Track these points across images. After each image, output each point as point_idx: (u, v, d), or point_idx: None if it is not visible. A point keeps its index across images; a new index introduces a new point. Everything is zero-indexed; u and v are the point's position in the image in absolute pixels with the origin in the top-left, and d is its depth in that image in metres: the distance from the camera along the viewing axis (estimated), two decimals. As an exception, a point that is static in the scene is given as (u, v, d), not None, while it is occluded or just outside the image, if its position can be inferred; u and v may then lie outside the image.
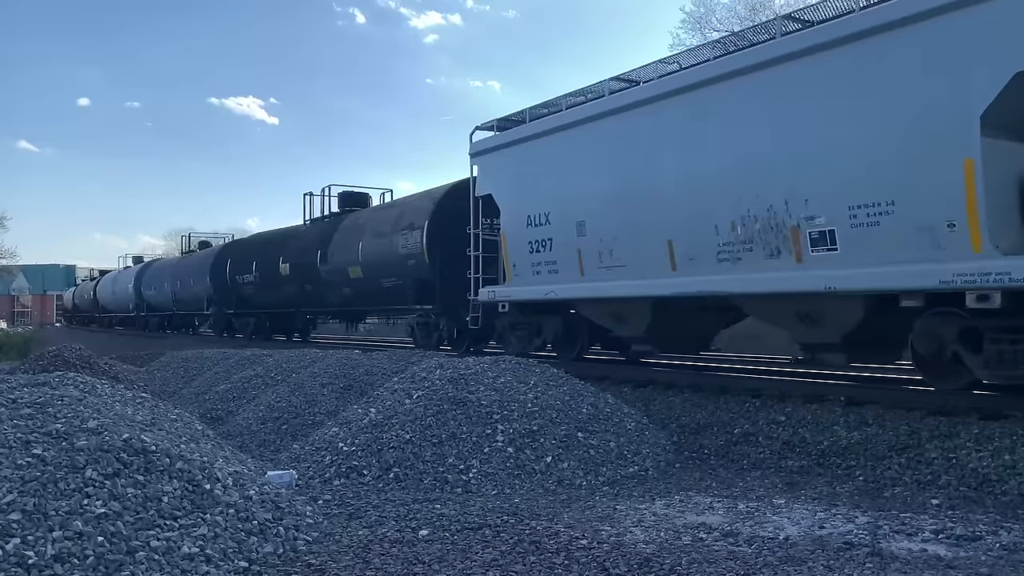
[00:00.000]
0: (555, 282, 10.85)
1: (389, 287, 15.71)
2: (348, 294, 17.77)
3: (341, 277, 17.48)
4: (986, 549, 4.46)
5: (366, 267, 16.46)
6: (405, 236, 14.98)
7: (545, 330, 11.78)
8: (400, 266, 15.01)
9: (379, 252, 15.87)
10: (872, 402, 7.44)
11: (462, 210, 12.82)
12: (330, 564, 4.24)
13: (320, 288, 18.86)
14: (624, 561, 4.22)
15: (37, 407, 4.93)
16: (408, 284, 14.82)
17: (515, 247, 11.59)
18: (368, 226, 17.01)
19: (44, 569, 3.60)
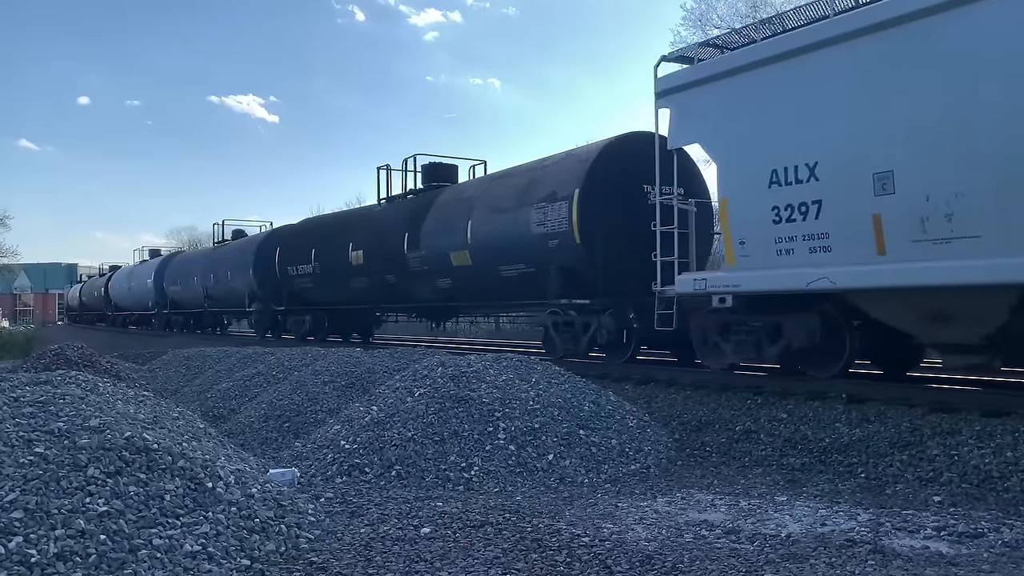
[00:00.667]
0: (826, 264, 7.62)
1: (512, 276, 12.62)
2: (446, 287, 14.50)
3: (438, 265, 14.36)
4: (988, 546, 4.46)
5: (478, 252, 13.29)
6: (543, 210, 11.84)
7: (789, 334, 8.48)
8: (533, 249, 11.99)
9: (499, 233, 12.73)
10: (873, 399, 7.44)
11: (625, 175, 10.85)
12: (332, 562, 4.24)
13: (406, 280, 15.59)
14: (626, 559, 4.22)
15: (39, 405, 4.93)
16: (547, 272, 11.74)
17: (744, 217, 8.40)
18: (480, 200, 13.63)
19: (47, 567, 3.61)
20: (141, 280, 35.00)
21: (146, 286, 33.66)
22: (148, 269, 34.41)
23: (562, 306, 11.83)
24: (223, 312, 27.11)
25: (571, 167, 11.84)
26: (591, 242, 11.13)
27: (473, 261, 13.41)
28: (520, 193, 12.63)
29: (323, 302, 19.55)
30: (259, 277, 22.30)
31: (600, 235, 11.09)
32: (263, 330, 22.87)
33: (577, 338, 11.59)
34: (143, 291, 34.25)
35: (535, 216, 11.97)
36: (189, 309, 29.63)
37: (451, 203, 14.54)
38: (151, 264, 34.99)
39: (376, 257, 16.47)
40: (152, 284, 32.57)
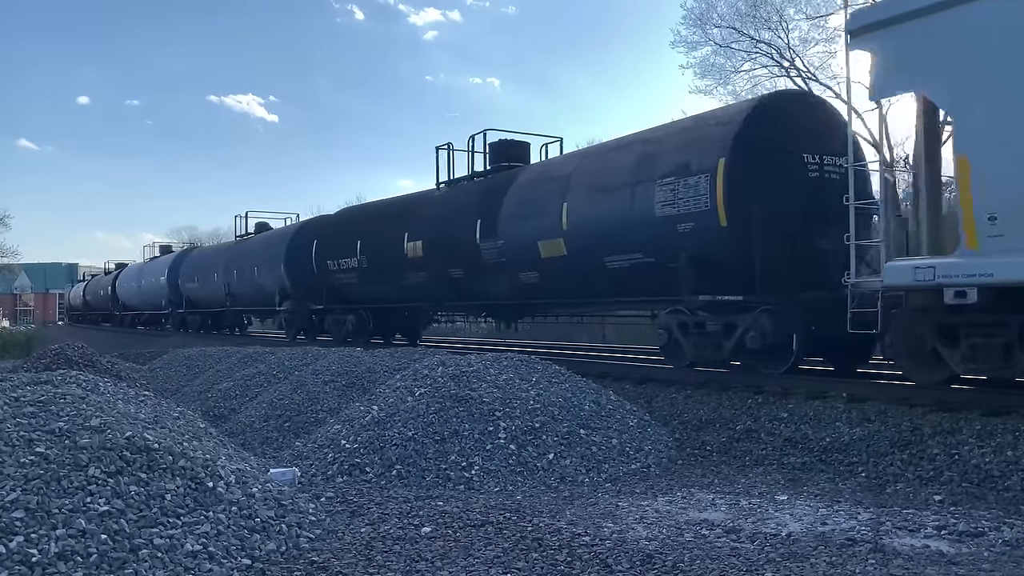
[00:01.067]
0: None
1: (622, 268, 10.40)
2: (531, 282, 12.23)
3: (521, 257, 12.14)
4: (988, 545, 4.46)
5: (575, 240, 11.09)
6: (670, 188, 9.59)
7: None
8: (654, 235, 9.80)
9: (605, 216, 10.54)
10: (874, 399, 7.44)
11: (779, 141, 9.02)
12: (333, 561, 4.25)
13: (477, 274, 13.32)
14: (626, 558, 4.22)
15: (40, 405, 4.94)
16: (674, 263, 9.51)
17: (999, 184, 6.44)
18: (578, 178, 11.36)
19: (48, 567, 3.61)
20: (153, 277, 32.30)
21: (158, 284, 31.00)
22: (161, 266, 31.68)
23: (698, 304, 9.50)
24: (248, 311, 24.99)
25: (707, 134, 9.58)
26: (742, 225, 8.86)
27: (569, 251, 11.17)
28: (635, 168, 10.27)
29: (370, 300, 17.17)
30: (292, 273, 19.96)
31: (754, 216, 8.78)
32: (295, 331, 20.47)
33: (716, 343, 9.43)
34: (155, 289, 31.67)
35: (659, 195, 9.70)
36: (208, 308, 27.12)
37: (537, 183, 12.27)
38: (164, 260, 32.21)
39: (438, 248, 14.18)
40: (166, 281, 29.90)
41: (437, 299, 15.38)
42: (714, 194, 9.05)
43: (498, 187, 13.22)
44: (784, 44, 28.19)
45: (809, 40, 28.68)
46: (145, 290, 33.39)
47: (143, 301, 34.16)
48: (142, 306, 34.79)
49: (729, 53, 28.92)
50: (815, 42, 28.70)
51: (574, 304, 13.07)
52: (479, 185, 14.29)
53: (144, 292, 33.57)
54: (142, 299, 34.22)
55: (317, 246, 18.63)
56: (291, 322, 20.82)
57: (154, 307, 32.59)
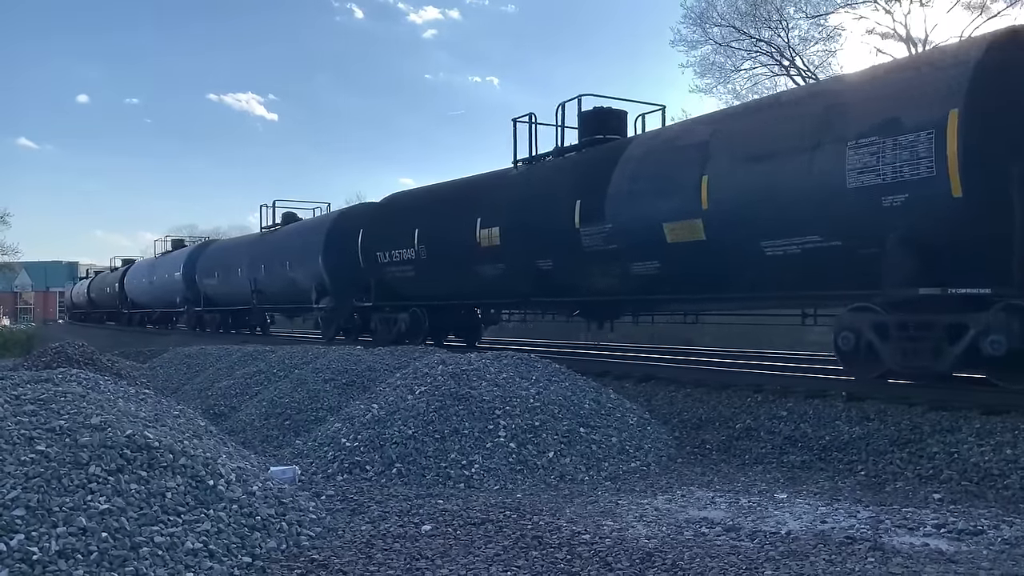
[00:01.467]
0: None
1: (788, 256, 8.32)
2: (648, 272, 10.12)
3: (637, 242, 10.06)
4: (988, 543, 4.47)
5: (720, 221, 8.96)
6: (871, 150, 7.43)
7: None
8: (845, 212, 7.70)
9: (766, 190, 8.43)
10: (873, 397, 7.44)
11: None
12: (333, 559, 4.26)
13: (575, 265, 11.22)
14: (626, 556, 4.23)
15: (40, 403, 4.94)
16: (875, 246, 7.51)
17: None
18: (720, 144, 9.21)
19: (48, 565, 3.62)
20: (166, 273, 29.95)
21: (173, 280, 28.74)
22: (175, 261, 29.40)
23: (907, 299, 7.32)
24: (278, 309, 23.13)
25: (922, 79, 7.46)
26: (985, 194, 6.81)
27: (709, 235, 9.08)
28: (812, 128, 8.12)
29: (429, 296, 15.07)
30: (332, 266, 18.10)
31: (1007, 182, 6.72)
32: (334, 330, 18.45)
33: (934, 349, 7.20)
34: (168, 286, 29.41)
35: (852, 160, 7.58)
36: (230, 306, 25.05)
37: (659, 154, 10.09)
38: (178, 255, 29.92)
39: (520, 236, 12.08)
40: (181, 277, 27.67)
41: (519, 294, 12.93)
42: (942, 156, 6.91)
43: (603, 162, 10.98)
44: (784, 43, 28.23)
45: (809, 39, 28.65)
46: (157, 287, 31.13)
47: (154, 298, 32.02)
48: (153, 304, 32.71)
49: (729, 52, 28.99)
50: (815, 41, 28.69)
51: (707, 300, 10.65)
52: (574, 161, 12.09)
53: (156, 289, 31.38)
54: (153, 296, 32.10)
55: (364, 236, 16.50)
56: (329, 320, 18.68)
57: (167, 304, 30.58)
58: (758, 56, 28.92)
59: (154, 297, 31.94)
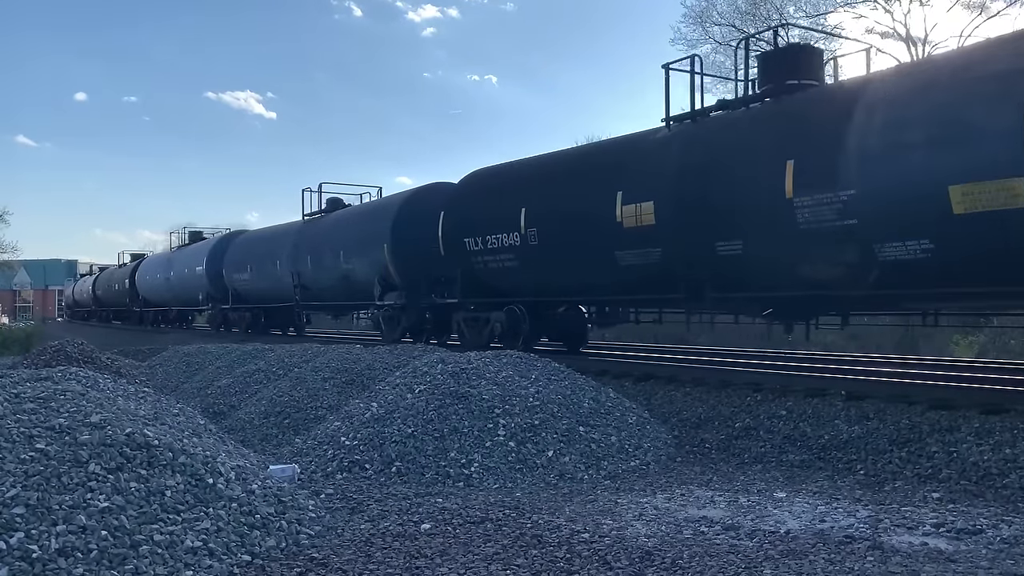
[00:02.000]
0: None
1: None
2: (906, 256, 7.33)
3: (898, 214, 7.34)
4: (987, 543, 4.47)
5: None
6: None
7: None
8: None
9: None
10: (873, 396, 7.45)
11: None
12: (333, 558, 4.26)
13: (783, 247, 8.41)
14: (625, 555, 4.23)
15: (40, 402, 4.94)
16: None
17: None
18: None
19: (48, 563, 3.62)
20: (185, 268, 26.79)
21: (194, 275, 25.71)
22: (196, 254, 26.36)
23: None
24: (329, 306, 19.82)
25: None
26: None
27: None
28: None
29: (539, 290, 12.29)
30: (402, 256, 15.37)
31: None
32: (399, 332, 15.70)
33: None
34: (189, 281, 26.30)
35: None
36: (264, 303, 21.93)
37: (930, 93, 7.32)
38: (200, 247, 26.78)
39: (686, 211, 9.38)
40: (204, 272, 24.69)
41: (685, 287, 9.71)
42: None
43: (825, 110, 8.43)
44: (784, 42, 28.21)
45: (809, 38, 28.62)
46: (175, 283, 27.87)
47: (172, 296, 28.84)
48: (170, 301, 29.50)
49: (729, 51, 28.92)
50: (815, 40, 28.59)
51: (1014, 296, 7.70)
52: (773, 112, 9.19)
53: (174, 285, 28.08)
54: (171, 293, 28.84)
55: (447, 219, 13.71)
56: (395, 320, 15.86)
57: (186, 302, 27.74)
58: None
59: (172, 294, 28.86)
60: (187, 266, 26.69)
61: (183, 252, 28.76)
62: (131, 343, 23.98)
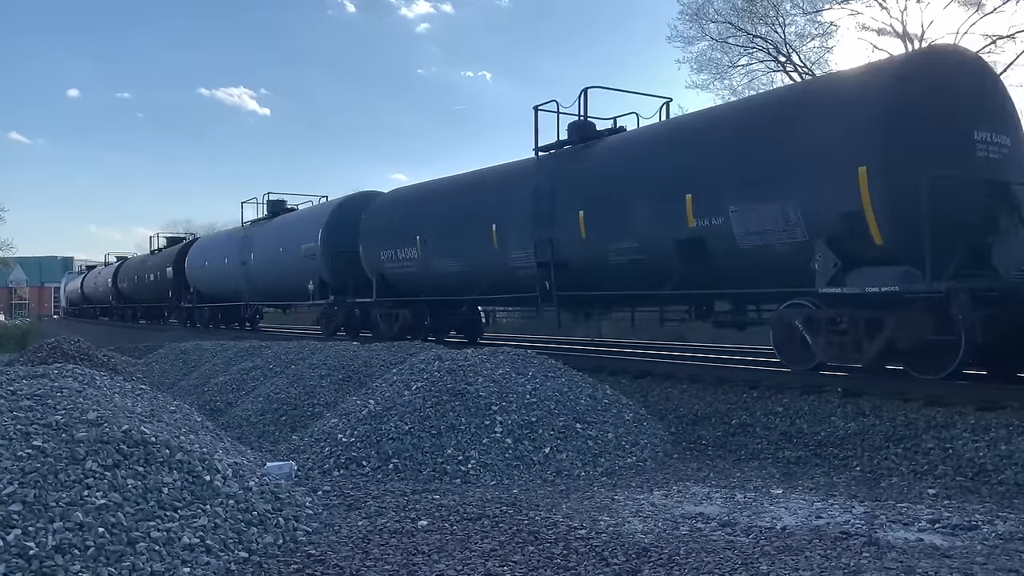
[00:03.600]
0: None
1: None
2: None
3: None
4: (982, 538, 4.49)
5: None
6: None
7: None
8: None
9: None
10: (869, 393, 7.46)
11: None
12: (330, 554, 4.26)
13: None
14: (622, 551, 4.24)
15: (36, 399, 4.93)
16: None
17: None
18: None
19: (45, 560, 3.62)
20: (280, 247, 19.55)
21: (292, 259, 18.49)
22: (293, 228, 19.37)
23: None
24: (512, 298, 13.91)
25: None
26: None
27: None
28: None
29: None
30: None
31: None
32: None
33: None
34: (285, 266, 19.03)
35: None
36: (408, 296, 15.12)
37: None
38: (310, 216, 19.29)
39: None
40: (317, 250, 17.42)
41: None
42: None
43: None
44: (780, 39, 28.21)
45: (806, 35, 28.64)
46: (258, 269, 20.88)
47: (250, 286, 21.76)
48: (248, 294, 22.32)
49: (726, 48, 28.95)
50: (812, 37, 28.69)
51: None
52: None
53: (256, 272, 21.04)
54: (248, 283, 21.76)
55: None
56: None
57: (277, 295, 21.20)
58: (755, 52, 28.92)
59: (247, 284, 21.83)
60: (282, 244, 19.49)
61: (273, 227, 21.09)
62: (128, 340, 23.94)
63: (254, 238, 21.40)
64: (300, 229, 18.63)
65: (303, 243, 18.07)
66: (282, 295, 20.64)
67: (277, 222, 21.11)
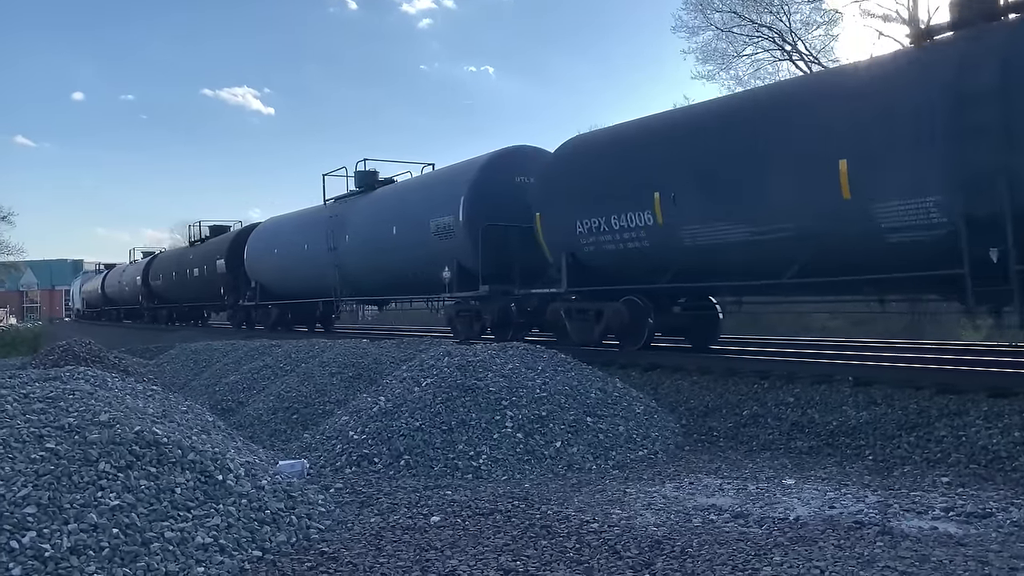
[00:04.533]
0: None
1: None
2: None
3: None
4: (996, 526, 4.47)
5: None
6: None
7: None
8: None
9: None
10: (880, 381, 7.43)
11: None
12: (343, 552, 4.27)
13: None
14: (635, 544, 4.24)
15: (49, 401, 4.96)
16: None
17: None
18: None
19: (60, 561, 3.64)
20: (380, 230, 15.73)
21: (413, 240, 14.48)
22: (413, 200, 15.22)
23: None
24: None
25: None
26: None
27: None
28: None
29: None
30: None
31: None
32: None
33: None
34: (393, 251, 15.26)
35: None
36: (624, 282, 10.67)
37: None
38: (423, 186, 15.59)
39: None
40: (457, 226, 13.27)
41: None
42: None
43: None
44: (786, 27, 28.07)
45: (811, 23, 28.47)
46: (355, 256, 16.71)
47: (341, 278, 17.36)
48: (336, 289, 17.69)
49: (731, 38, 28.83)
50: (817, 25, 28.54)
51: None
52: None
53: (354, 259, 16.75)
54: (343, 273, 17.26)
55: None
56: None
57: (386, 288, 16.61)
58: (760, 41, 28.78)
59: (341, 276, 17.29)
60: (396, 222, 15.19)
61: (376, 201, 16.79)
62: (137, 342, 24.04)
63: (347, 217, 16.84)
64: (425, 199, 14.18)
65: (432, 218, 13.62)
66: (394, 287, 15.77)
67: (381, 195, 16.63)
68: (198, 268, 25.97)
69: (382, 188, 17.35)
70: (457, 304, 13.88)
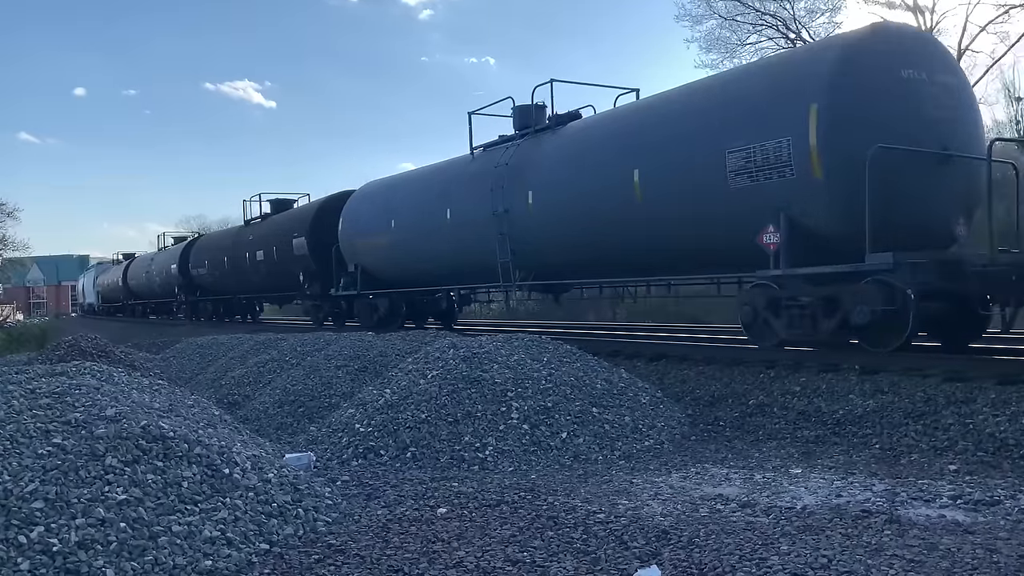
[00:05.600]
0: None
1: None
2: None
3: None
4: (1004, 514, 4.46)
5: None
6: None
7: None
8: None
9: None
10: (887, 370, 7.41)
11: None
12: (350, 544, 4.28)
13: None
14: (642, 534, 4.24)
15: (55, 397, 4.97)
16: None
17: None
18: None
19: (68, 556, 3.65)
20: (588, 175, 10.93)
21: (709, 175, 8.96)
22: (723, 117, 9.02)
23: None
24: None
25: None
26: None
27: None
28: None
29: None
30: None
31: None
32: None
33: None
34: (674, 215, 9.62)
35: None
36: None
37: None
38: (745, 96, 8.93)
39: None
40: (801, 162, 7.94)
41: None
42: None
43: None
44: (790, 15, 27.92)
45: (815, 10, 28.33)
46: (545, 220, 11.74)
47: (513, 252, 12.37)
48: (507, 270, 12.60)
49: (735, 26, 28.70)
50: (821, 12, 28.38)
51: None
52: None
53: (544, 225, 11.79)
54: (515, 246, 12.35)
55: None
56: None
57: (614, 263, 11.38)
58: (764, 29, 28.65)
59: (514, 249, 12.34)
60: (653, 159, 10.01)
61: (589, 132, 11.77)
62: (143, 336, 24.09)
63: (524, 168, 12.15)
64: (707, 124, 9.28)
65: (733, 146, 8.73)
66: (618, 265, 11.25)
67: (591, 127, 11.83)
68: (262, 251, 20.90)
69: (579, 121, 12.27)
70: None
